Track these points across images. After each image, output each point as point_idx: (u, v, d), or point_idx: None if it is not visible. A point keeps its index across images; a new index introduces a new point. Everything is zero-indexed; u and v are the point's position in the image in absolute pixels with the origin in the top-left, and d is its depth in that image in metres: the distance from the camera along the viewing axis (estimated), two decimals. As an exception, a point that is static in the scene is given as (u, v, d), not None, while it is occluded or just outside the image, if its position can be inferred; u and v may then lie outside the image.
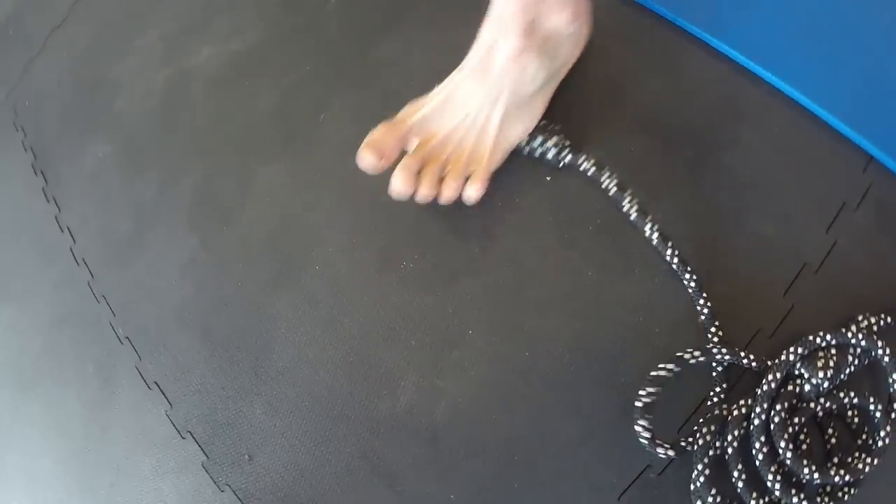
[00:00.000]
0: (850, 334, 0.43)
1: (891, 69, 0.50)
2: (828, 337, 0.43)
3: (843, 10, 0.53)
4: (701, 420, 0.44)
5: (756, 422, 0.43)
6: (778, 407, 0.43)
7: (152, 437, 0.54)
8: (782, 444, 0.42)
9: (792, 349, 0.43)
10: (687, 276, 0.46)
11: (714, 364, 0.45)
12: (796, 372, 0.44)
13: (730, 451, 0.42)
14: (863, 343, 0.43)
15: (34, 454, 0.58)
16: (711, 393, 0.44)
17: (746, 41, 0.53)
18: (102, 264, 0.61)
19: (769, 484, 0.41)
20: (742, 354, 0.44)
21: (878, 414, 0.43)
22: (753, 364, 0.44)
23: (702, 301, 0.46)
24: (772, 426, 0.43)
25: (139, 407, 0.55)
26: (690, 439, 0.43)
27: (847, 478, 0.41)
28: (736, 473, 0.42)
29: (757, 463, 0.42)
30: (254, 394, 0.51)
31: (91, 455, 0.55)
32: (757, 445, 0.42)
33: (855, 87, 0.50)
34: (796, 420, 0.43)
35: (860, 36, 0.52)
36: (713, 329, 0.45)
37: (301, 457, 0.49)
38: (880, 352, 0.43)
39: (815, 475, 0.41)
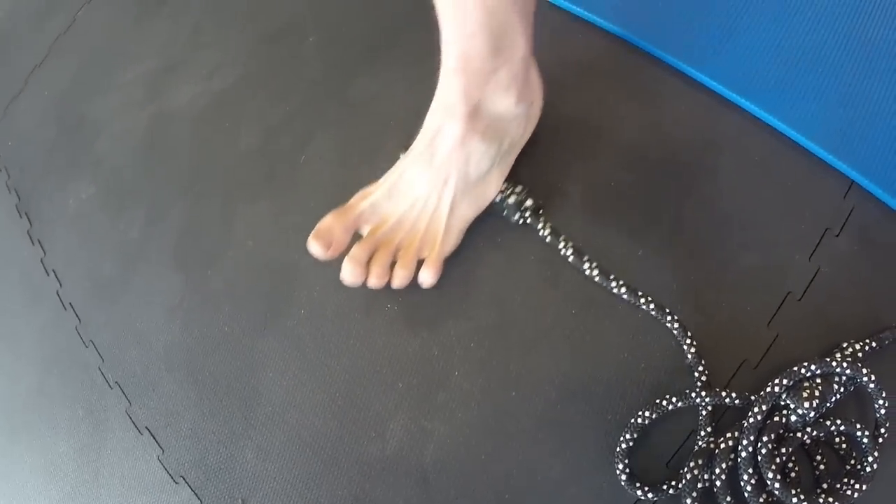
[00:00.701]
0: (834, 363, 0.43)
1: (868, 92, 0.50)
2: (812, 367, 0.44)
3: (819, 37, 0.53)
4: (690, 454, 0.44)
5: (743, 454, 0.43)
6: (765, 438, 0.43)
7: (145, 483, 0.53)
8: (770, 474, 0.42)
9: (777, 381, 0.44)
10: (668, 318, 0.47)
11: (683, 406, 0.45)
12: (782, 403, 0.44)
13: (718, 483, 0.42)
14: (847, 371, 0.43)
15: (25, 498, 0.58)
16: (699, 426, 0.44)
17: (723, 71, 0.53)
18: (89, 308, 0.61)
19: (758, 515, 0.41)
20: (724, 394, 0.44)
21: (865, 440, 0.43)
22: (736, 402, 0.44)
23: (688, 342, 0.46)
24: (759, 457, 0.43)
25: (131, 452, 0.55)
26: (673, 482, 0.43)
27: (836, 505, 0.41)
28: (725, 505, 0.42)
29: (745, 494, 0.42)
30: (245, 438, 0.51)
31: (83, 500, 0.55)
32: (745, 477, 0.42)
33: (833, 112, 0.50)
34: (784, 450, 0.43)
35: (837, 61, 0.52)
36: (700, 369, 0.45)
37: (294, 500, 0.49)
38: (865, 379, 0.43)
39: (804, 504, 0.41)
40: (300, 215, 0.57)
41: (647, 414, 0.44)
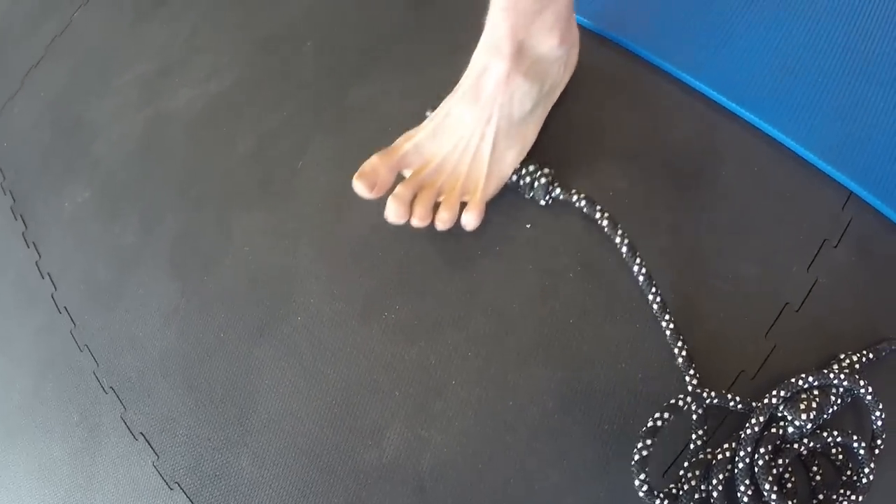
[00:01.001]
0: (832, 375, 0.43)
1: (867, 104, 0.50)
2: (810, 379, 0.44)
3: (818, 47, 0.53)
4: (686, 464, 0.44)
5: (740, 465, 0.43)
6: (762, 450, 0.43)
7: (140, 489, 0.53)
8: (767, 485, 0.42)
9: (774, 392, 0.44)
10: (666, 318, 0.46)
11: (696, 407, 0.45)
12: (779, 414, 0.44)
13: (715, 494, 0.43)
14: (845, 383, 0.43)
15: (19, 502, 0.57)
16: (694, 436, 0.44)
17: (724, 80, 0.53)
18: (84, 312, 0.60)
19: (754, 525, 0.41)
20: (729, 397, 0.44)
21: (861, 451, 0.43)
22: (740, 406, 0.44)
23: (679, 345, 0.46)
24: (756, 468, 0.43)
25: (126, 457, 0.54)
26: (673, 490, 0.43)
27: (833, 516, 0.41)
28: (722, 516, 0.42)
29: (742, 505, 0.42)
30: (240, 445, 0.51)
31: (77, 504, 0.55)
32: (742, 488, 0.42)
33: (832, 123, 0.50)
34: (780, 461, 0.43)
35: (836, 72, 0.52)
36: (691, 373, 0.45)
37: (289, 508, 0.49)
38: (862, 391, 0.43)
39: (801, 515, 0.41)
40: (297, 221, 0.57)
41: (664, 415, 0.43)
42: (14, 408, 0.61)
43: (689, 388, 0.45)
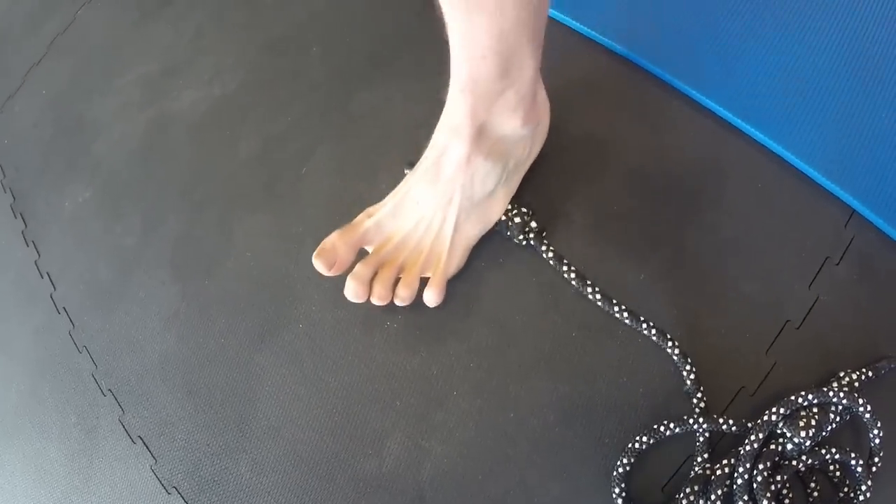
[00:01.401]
0: (831, 393, 0.44)
1: (871, 123, 0.51)
2: (809, 396, 0.44)
3: (823, 65, 0.53)
4: (686, 480, 0.44)
5: (739, 481, 0.43)
6: (761, 466, 0.43)
7: (137, 492, 0.53)
8: (765, 501, 0.42)
9: (774, 409, 0.44)
10: (669, 344, 0.47)
11: (681, 433, 0.45)
12: (778, 431, 0.44)
13: (713, 510, 0.43)
14: (844, 401, 0.44)
15: (14, 503, 0.57)
16: (696, 452, 0.45)
17: (730, 97, 0.53)
18: (83, 313, 0.60)
19: (753, 542, 0.42)
20: (721, 421, 0.44)
21: (859, 468, 0.43)
22: (733, 429, 0.44)
23: (687, 368, 0.46)
24: (755, 484, 0.43)
25: (123, 461, 0.54)
26: (679, 499, 0.43)
27: (829, 533, 0.41)
28: (719, 533, 0.42)
29: (740, 521, 0.42)
30: (240, 451, 0.51)
31: (74, 507, 0.55)
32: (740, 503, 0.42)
33: (835, 141, 0.51)
34: (779, 478, 0.43)
35: (841, 91, 0.52)
36: (699, 395, 0.45)
37: (287, 516, 0.49)
38: (861, 409, 0.44)
39: (798, 532, 0.41)
40: (300, 227, 0.57)
41: (644, 439, 0.44)
42: (11, 407, 0.60)
43: (696, 409, 0.45)
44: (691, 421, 0.44)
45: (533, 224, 0.51)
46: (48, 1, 0.80)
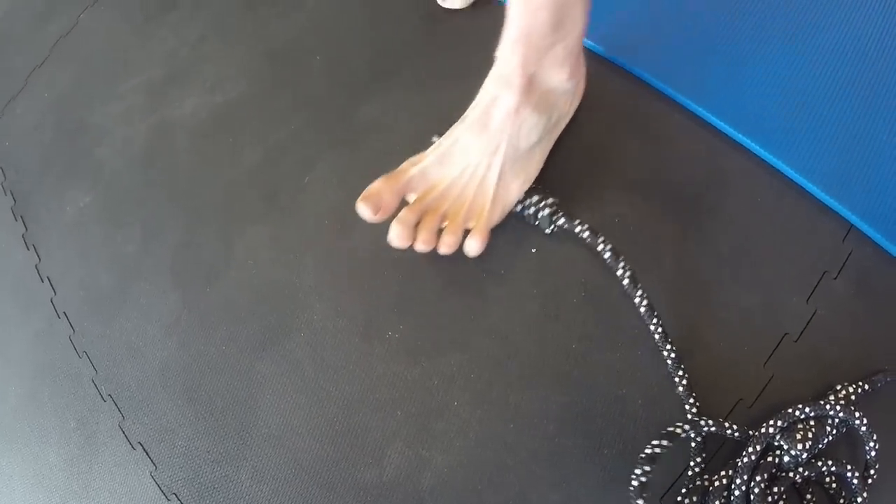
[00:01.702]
0: (828, 406, 0.44)
1: (870, 138, 0.51)
2: (806, 409, 0.44)
3: (825, 82, 0.54)
4: (683, 490, 0.44)
5: (737, 492, 0.43)
6: (758, 478, 0.43)
7: (136, 498, 0.53)
8: (762, 513, 0.42)
9: (771, 422, 0.44)
10: (668, 348, 0.47)
11: (694, 436, 0.45)
12: (776, 443, 0.44)
13: (711, 521, 0.43)
14: (840, 414, 0.44)
15: (14, 508, 0.57)
16: (692, 463, 0.45)
17: (731, 110, 0.54)
18: (84, 318, 0.60)
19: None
20: (727, 425, 0.45)
21: (855, 481, 0.44)
22: (737, 434, 0.45)
23: (680, 373, 0.46)
24: (752, 496, 0.43)
25: (123, 467, 0.54)
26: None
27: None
28: (717, 542, 0.42)
29: (737, 533, 0.43)
30: (240, 459, 0.51)
31: (73, 512, 0.55)
32: (738, 515, 0.43)
33: (834, 155, 0.51)
34: (776, 489, 0.44)
35: (840, 105, 0.53)
36: (690, 401, 0.46)
37: (287, 523, 0.49)
38: (857, 422, 0.44)
39: (794, 543, 0.41)
40: (302, 237, 0.57)
41: (662, 442, 0.44)
42: (9, 411, 0.60)
43: (689, 416, 0.46)
44: (702, 423, 0.44)
45: (559, 212, 0.51)
46: (51, 3, 0.81)
